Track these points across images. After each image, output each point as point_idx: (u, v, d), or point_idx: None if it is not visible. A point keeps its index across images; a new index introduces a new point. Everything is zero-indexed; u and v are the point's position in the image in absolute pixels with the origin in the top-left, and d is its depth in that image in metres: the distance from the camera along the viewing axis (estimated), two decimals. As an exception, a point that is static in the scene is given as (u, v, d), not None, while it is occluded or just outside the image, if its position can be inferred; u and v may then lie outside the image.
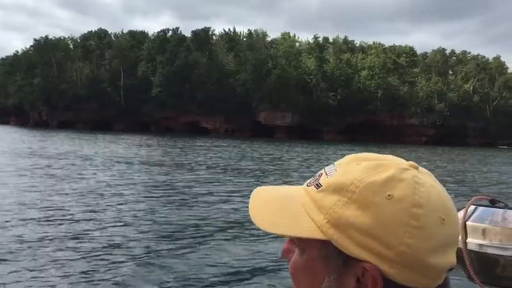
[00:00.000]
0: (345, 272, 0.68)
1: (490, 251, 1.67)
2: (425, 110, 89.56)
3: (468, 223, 1.68)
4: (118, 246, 8.39)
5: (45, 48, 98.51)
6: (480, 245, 1.66)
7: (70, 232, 9.12)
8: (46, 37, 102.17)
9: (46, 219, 10.51)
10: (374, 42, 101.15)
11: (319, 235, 0.68)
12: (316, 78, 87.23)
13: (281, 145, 55.15)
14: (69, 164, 22.71)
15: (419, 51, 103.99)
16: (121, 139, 53.42)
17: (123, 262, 7.50)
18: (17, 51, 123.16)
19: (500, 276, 1.70)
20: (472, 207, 1.69)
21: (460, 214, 1.76)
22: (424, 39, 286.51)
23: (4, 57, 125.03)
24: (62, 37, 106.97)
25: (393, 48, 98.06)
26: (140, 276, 6.98)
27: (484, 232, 1.67)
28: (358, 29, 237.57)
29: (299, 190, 0.75)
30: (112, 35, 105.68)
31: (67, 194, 13.90)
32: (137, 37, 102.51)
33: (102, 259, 7.53)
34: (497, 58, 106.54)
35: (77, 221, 10.35)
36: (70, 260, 7.40)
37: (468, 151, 63.60)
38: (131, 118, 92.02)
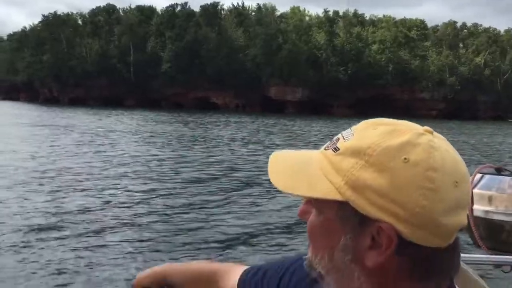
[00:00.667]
0: (361, 231, 0.71)
1: (495, 217, 1.79)
2: (436, 84, 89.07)
3: (475, 190, 1.82)
4: (135, 218, 8.78)
5: (54, 24, 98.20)
6: (486, 211, 1.79)
7: (80, 208, 9.48)
8: (55, 13, 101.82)
9: (74, 190, 11.15)
10: (384, 15, 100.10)
11: (336, 196, 0.70)
12: (326, 52, 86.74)
13: (292, 121, 55.51)
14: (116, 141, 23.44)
15: (428, 23, 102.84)
16: (138, 115, 54.01)
17: (143, 228, 7.97)
18: (24, 27, 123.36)
19: (505, 241, 1.81)
20: (478, 175, 1.87)
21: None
22: (433, 11, 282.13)
23: (11, 33, 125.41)
24: (70, 13, 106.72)
25: (403, 22, 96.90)
26: (163, 239, 7.37)
27: (490, 199, 1.80)
28: (365, 1, 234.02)
29: (316, 154, 0.77)
30: (120, 11, 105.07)
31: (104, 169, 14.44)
32: (145, 12, 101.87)
33: (111, 232, 7.91)
34: (508, 31, 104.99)
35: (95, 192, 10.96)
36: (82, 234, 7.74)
37: (478, 124, 63.69)
38: (141, 94, 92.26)
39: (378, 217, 0.69)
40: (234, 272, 1.11)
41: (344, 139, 0.74)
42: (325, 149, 0.76)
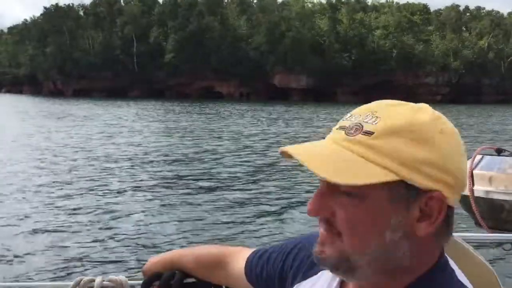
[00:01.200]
0: (412, 207, 0.73)
1: (496, 197, 1.85)
2: (440, 68, 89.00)
3: (475, 171, 1.89)
4: (139, 208, 9.01)
5: (56, 16, 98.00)
6: (487, 191, 1.86)
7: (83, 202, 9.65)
8: (57, 5, 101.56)
9: (72, 182, 11.39)
10: (387, 0, 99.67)
11: (389, 178, 0.71)
12: (330, 39, 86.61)
13: (299, 108, 55.71)
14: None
15: (431, 7, 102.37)
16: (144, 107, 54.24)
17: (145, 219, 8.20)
18: (25, 20, 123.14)
19: (506, 220, 1.88)
20: (478, 157, 1.95)
21: (467, 163, 1.85)
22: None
23: (12, 25, 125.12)
24: (71, 5, 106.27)
25: (406, 6, 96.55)
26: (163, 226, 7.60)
27: (490, 180, 1.85)
28: None
29: (332, 143, 0.76)
30: (122, 1, 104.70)
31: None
32: (147, 3, 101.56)
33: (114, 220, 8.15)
34: (511, 13, 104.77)
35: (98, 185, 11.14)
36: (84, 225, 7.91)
37: (484, 108, 63.80)
38: (145, 85, 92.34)
39: (431, 187, 0.72)
40: (243, 254, 1.14)
41: (368, 122, 0.74)
42: (350, 136, 0.74)
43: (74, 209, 8.72)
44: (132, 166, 13.61)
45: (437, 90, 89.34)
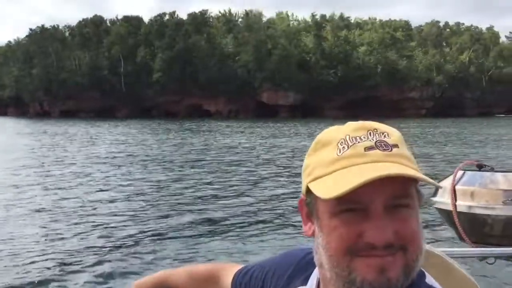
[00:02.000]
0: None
1: (478, 211, 1.91)
2: (424, 83, 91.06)
3: (457, 187, 1.95)
4: (128, 225, 8.83)
5: (41, 37, 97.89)
6: (469, 206, 1.93)
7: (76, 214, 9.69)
8: (42, 26, 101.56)
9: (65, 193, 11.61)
10: (369, 18, 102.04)
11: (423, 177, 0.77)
12: (316, 56, 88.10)
13: (286, 125, 56.41)
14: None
15: (412, 24, 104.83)
16: (132, 126, 54.31)
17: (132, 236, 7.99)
18: (9, 41, 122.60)
19: (488, 234, 1.93)
20: (460, 172, 2.00)
21: (449, 179, 2.02)
22: (408, 10, 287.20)
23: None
24: (56, 26, 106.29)
25: (389, 23, 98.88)
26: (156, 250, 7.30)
27: (472, 195, 1.92)
28: (341, 3, 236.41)
29: (379, 163, 0.79)
30: (107, 21, 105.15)
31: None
32: (132, 23, 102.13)
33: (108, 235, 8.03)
34: (490, 29, 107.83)
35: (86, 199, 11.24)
36: (80, 234, 7.93)
37: (468, 121, 65.27)
38: (133, 104, 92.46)
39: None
40: (233, 270, 1.16)
41: (386, 138, 0.81)
42: (386, 151, 0.79)
43: (56, 229, 8.53)
44: (114, 187, 13.44)
45: (421, 104, 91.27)
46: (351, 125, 0.84)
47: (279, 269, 1.02)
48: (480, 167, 1.99)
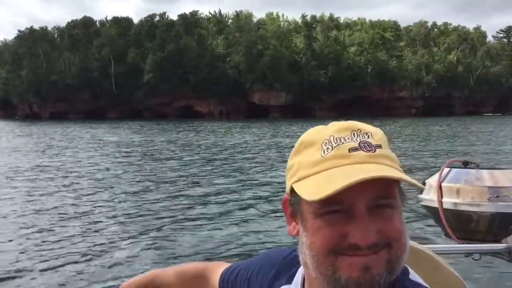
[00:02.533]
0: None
1: (464, 208, 1.95)
2: (414, 82, 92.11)
3: (443, 184, 1.99)
4: (122, 225, 8.84)
5: (30, 39, 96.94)
6: (455, 203, 1.96)
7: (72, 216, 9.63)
8: (31, 27, 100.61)
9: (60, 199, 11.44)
10: (359, 18, 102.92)
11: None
12: (306, 56, 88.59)
13: (278, 125, 56.68)
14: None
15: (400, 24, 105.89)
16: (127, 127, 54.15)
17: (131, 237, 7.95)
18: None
19: (474, 230, 1.98)
20: (446, 169, 2.02)
21: (436, 176, 2.04)
22: (394, 11, 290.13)
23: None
24: (44, 27, 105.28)
25: (378, 23, 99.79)
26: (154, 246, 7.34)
27: (458, 192, 1.95)
28: (328, 4, 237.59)
29: (365, 164, 0.80)
30: (97, 23, 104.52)
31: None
32: (122, 24, 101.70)
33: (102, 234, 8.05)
34: (477, 29, 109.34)
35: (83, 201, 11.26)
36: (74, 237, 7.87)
37: (457, 120, 66.24)
38: (124, 106, 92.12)
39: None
40: (218, 270, 1.17)
41: (369, 139, 0.81)
42: (370, 152, 0.79)
43: (50, 230, 8.52)
44: (105, 187, 13.44)
45: (411, 103, 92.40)
46: (335, 125, 0.84)
47: (264, 268, 1.04)
48: (466, 164, 2.06)
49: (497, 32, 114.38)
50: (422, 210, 2.21)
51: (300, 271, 0.94)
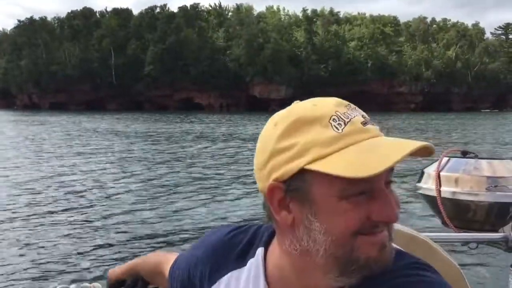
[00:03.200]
0: None
1: (462, 197, 1.93)
2: (413, 78, 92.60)
3: (442, 173, 1.98)
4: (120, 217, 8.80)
5: (30, 29, 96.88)
6: (453, 192, 1.94)
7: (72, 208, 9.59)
8: (31, 17, 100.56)
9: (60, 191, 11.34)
10: (359, 13, 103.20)
11: None
12: (306, 50, 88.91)
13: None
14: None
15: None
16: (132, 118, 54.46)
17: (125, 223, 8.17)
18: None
19: (471, 220, 1.97)
20: (445, 159, 2.01)
21: (434, 165, 2.05)
22: (391, 5, 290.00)
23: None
24: (43, 17, 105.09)
25: (378, 18, 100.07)
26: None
27: (456, 181, 1.94)
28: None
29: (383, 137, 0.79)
30: (97, 14, 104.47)
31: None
32: (122, 15, 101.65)
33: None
34: (476, 25, 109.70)
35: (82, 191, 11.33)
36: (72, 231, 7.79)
37: (458, 116, 66.72)
38: (124, 97, 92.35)
39: None
40: (171, 261, 1.12)
41: (357, 110, 0.78)
42: (375, 125, 0.77)
43: (50, 216, 8.69)
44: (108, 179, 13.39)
45: (411, 99, 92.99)
46: (330, 100, 0.78)
47: (202, 256, 0.98)
48: (465, 154, 2.06)
49: (495, 28, 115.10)
50: (420, 198, 2.25)
51: (259, 252, 0.89)
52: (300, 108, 0.79)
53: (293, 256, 0.80)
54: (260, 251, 0.89)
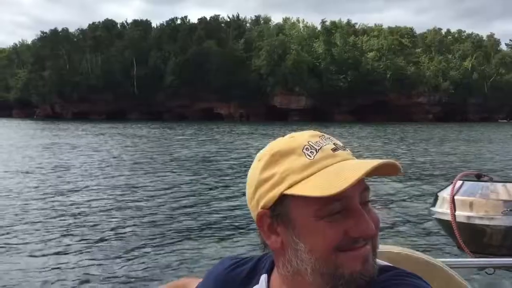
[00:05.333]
0: None
1: (477, 222, 1.92)
2: (431, 88, 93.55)
3: (456, 197, 1.97)
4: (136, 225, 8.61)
5: (54, 40, 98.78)
6: (468, 217, 1.94)
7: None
8: (55, 29, 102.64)
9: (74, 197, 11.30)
10: (375, 24, 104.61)
11: None
12: (326, 61, 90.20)
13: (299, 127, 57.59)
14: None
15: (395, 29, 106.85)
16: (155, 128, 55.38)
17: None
18: (15, 44, 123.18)
19: (487, 244, 1.94)
20: (459, 182, 2.01)
21: (448, 189, 2.05)
22: (397, 15, 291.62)
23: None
24: (65, 28, 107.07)
25: (396, 30, 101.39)
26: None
27: (471, 205, 1.94)
28: (330, 8, 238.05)
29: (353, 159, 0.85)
30: (118, 25, 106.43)
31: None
32: (142, 26, 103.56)
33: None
34: (491, 36, 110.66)
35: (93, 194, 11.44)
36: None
37: (473, 127, 66.86)
38: (145, 107, 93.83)
39: None
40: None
41: (331, 139, 0.86)
42: (347, 150, 0.85)
43: (67, 229, 8.32)
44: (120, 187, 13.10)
45: (429, 109, 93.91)
46: (303, 133, 0.87)
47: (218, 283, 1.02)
48: (479, 177, 2.04)
49: (510, 40, 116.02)
50: (435, 223, 2.21)
51: (263, 279, 0.94)
52: (279, 142, 0.87)
53: (288, 278, 0.85)
54: (263, 277, 0.94)
